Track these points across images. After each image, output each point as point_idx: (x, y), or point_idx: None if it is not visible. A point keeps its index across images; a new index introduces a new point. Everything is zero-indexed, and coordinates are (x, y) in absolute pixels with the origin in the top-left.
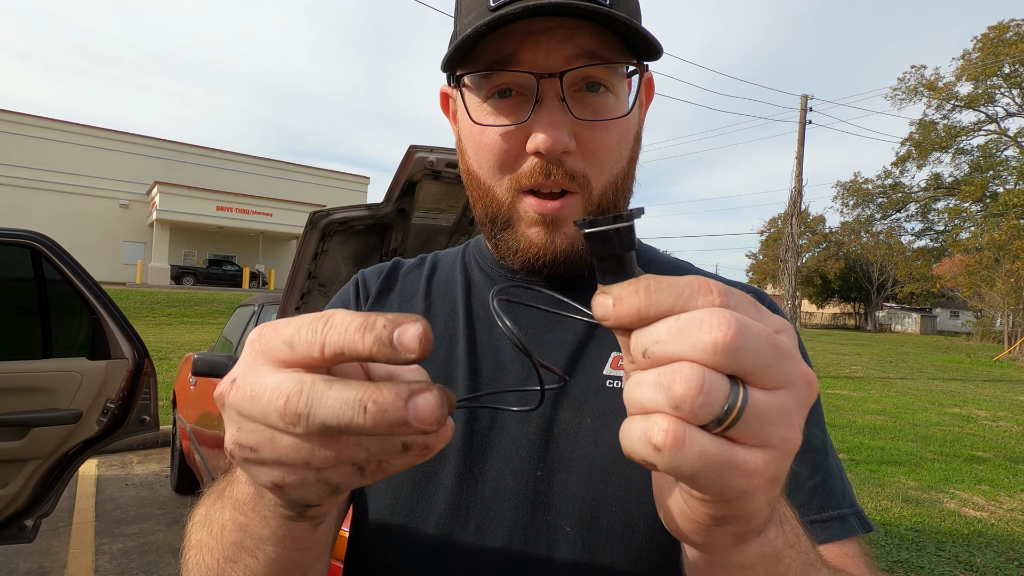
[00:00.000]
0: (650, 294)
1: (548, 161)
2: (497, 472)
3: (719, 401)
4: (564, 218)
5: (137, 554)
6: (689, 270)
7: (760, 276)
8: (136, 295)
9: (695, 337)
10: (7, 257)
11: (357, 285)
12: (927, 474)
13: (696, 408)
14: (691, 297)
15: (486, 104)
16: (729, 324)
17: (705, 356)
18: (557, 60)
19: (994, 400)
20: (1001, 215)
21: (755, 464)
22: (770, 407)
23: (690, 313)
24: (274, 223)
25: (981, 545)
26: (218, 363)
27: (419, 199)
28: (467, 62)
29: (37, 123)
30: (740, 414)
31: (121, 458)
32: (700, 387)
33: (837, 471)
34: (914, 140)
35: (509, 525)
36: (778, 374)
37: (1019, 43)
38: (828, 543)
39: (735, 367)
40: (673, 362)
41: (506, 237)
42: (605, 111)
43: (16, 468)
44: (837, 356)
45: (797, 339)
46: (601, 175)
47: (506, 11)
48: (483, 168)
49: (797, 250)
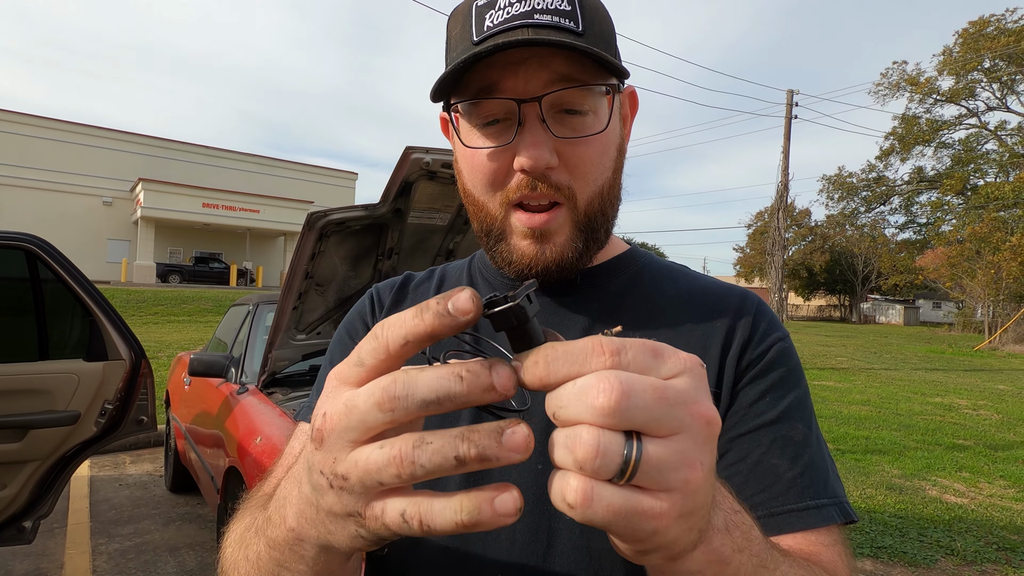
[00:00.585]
0: (548, 364)
1: (533, 176)
2: (500, 470)
3: (615, 460)
4: (553, 230)
5: (134, 554)
6: (685, 273)
7: (748, 269)
8: (122, 294)
9: (588, 402)
10: (2, 260)
11: (372, 298)
12: (910, 462)
13: (596, 468)
14: (585, 361)
15: (476, 129)
16: (613, 388)
17: (597, 419)
18: (535, 86)
19: (975, 389)
20: (982, 207)
21: (660, 508)
22: (665, 455)
23: (585, 379)
24: (261, 219)
25: (962, 530)
26: (215, 363)
27: (415, 199)
28: (457, 91)
29: (17, 119)
30: (637, 466)
31: (114, 459)
32: (596, 450)
33: (821, 463)
34: (897, 134)
35: None
36: (669, 423)
37: (1000, 38)
38: (802, 531)
39: (626, 424)
40: (575, 424)
41: (500, 249)
42: (584, 128)
43: (15, 470)
44: (823, 348)
45: (703, 375)
46: (586, 187)
47: (479, 49)
48: (476, 186)
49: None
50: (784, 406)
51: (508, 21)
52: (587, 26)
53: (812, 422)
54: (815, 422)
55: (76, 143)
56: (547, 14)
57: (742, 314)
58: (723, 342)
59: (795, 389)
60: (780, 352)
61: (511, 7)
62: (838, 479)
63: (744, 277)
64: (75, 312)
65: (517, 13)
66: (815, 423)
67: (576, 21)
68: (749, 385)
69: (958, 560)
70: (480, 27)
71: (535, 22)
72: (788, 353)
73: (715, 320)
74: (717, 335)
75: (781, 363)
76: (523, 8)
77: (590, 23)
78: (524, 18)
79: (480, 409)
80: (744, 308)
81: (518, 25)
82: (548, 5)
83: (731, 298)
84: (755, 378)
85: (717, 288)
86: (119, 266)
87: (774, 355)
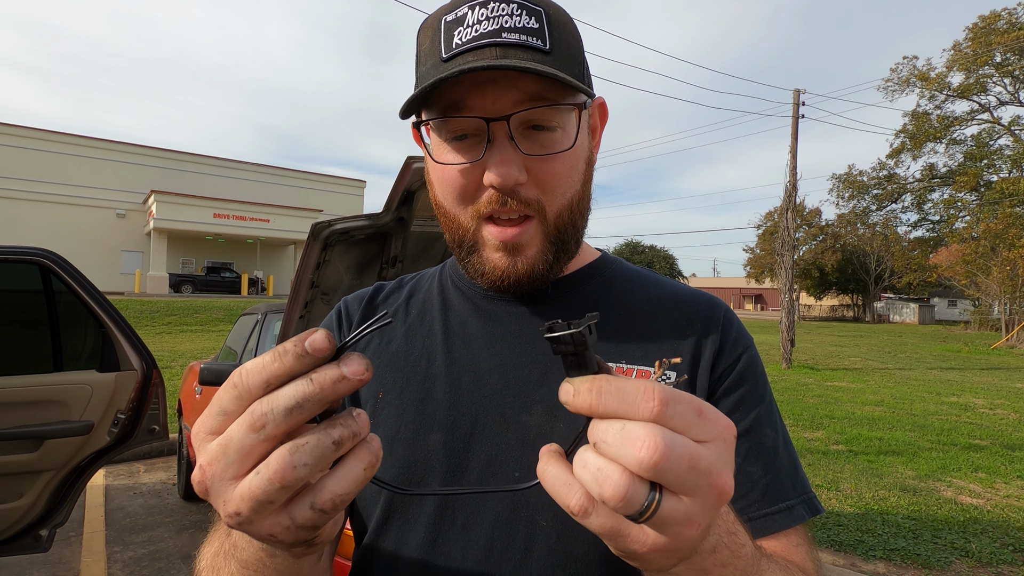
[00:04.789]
0: (600, 394)
1: (503, 192)
2: (479, 475)
3: (636, 506)
4: (524, 243)
5: (148, 561)
6: (654, 279)
7: (758, 270)
8: (135, 304)
9: (629, 450)
10: (17, 274)
11: (339, 313)
12: (924, 463)
13: (617, 508)
14: (635, 402)
15: (446, 144)
16: (657, 446)
17: (633, 468)
18: (503, 105)
19: (991, 388)
20: (997, 203)
21: (648, 541)
22: (675, 512)
23: (633, 426)
24: (272, 229)
25: (977, 531)
26: (225, 372)
27: (418, 207)
28: (426, 105)
29: (32, 135)
30: (652, 516)
31: (128, 468)
32: (623, 495)
33: (788, 464)
34: (908, 131)
35: (491, 522)
36: (691, 488)
37: (1010, 32)
38: (777, 534)
39: (656, 479)
40: (611, 462)
41: (473, 261)
42: (552, 144)
43: (31, 479)
44: (836, 348)
45: (733, 444)
46: (555, 200)
47: (445, 74)
48: (447, 199)
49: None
50: (755, 415)
51: (476, 39)
52: (554, 44)
53: (778, 423)
54: (780, 421)
55: (90, 157)
56: (515, 32)
57: (712, 323)
58: (694, 351)
59: (764, 396)
60: (749, 361)
61: (479, 24)
62: (802, 472)
63: (755, 278)
64: (88, 324)
65: (485, 32)
66: (780, 422)
67: (544, 39)
68: (724, 397)
69: (973, 562)
70: (448, 43)
71: (503, 41)
72: (756, 361)
73: (686, 328)
74: (688, 342)
75: (751, 372)
76: (491, 27)
77: (557, 41)
78: (492, 36)
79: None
80: (713, 316)
81: (486, 44)
82: (516, 24)
83: (700, 306)
84: (729, 390)
85: (686, 295)
86: (132, 277)
87: (744, 364)
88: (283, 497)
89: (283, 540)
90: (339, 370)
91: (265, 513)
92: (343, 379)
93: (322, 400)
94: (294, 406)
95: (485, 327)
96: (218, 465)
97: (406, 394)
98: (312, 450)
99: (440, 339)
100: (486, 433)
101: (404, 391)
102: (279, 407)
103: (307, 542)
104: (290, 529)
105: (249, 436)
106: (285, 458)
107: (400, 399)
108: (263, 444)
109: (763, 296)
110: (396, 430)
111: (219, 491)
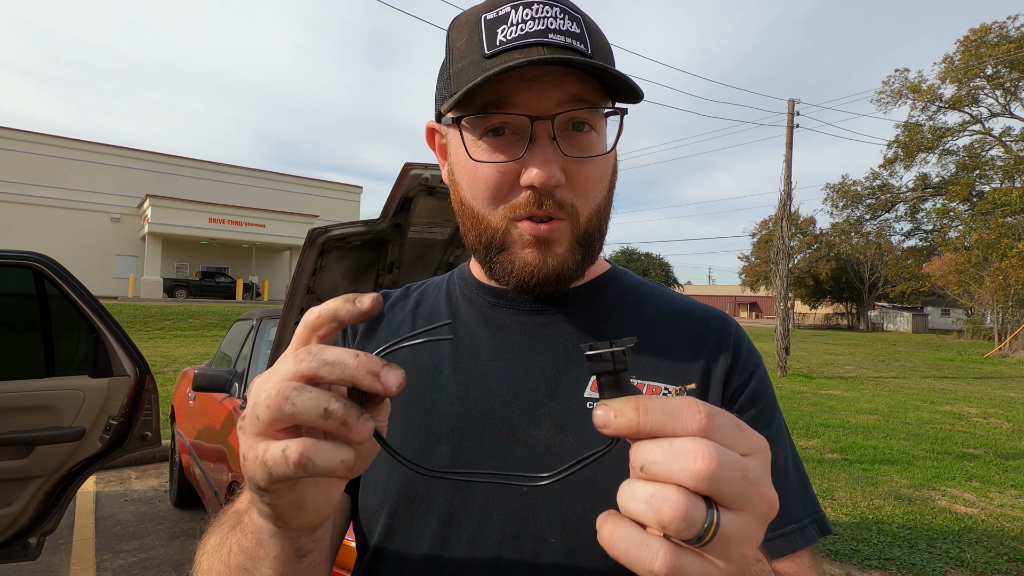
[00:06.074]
0: (645, 411)
1: (541, 193)
2: (486, 489)
3: (697, 525)
4: (555, 240)
5: (139, 569)
6: (664, 293)
7: (753, 278)
8: (129, 309)
9: (683, 465)
10: (10, 278)
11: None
12: (919, 472)
13: (679, 530)
14: (681, 417)
15: (481, 141)
16: (712, 456)
17: (690, 482)
18: (548, 104)
19: (984, 397)
20: (989, 213)
21: (710, 571)
22: (735, 528)
23: (682, 441)
24: (267, 234)
25: (972, 541)
26: (218, 378)
27: (415, 214)
28: (463, 103)
29: (27, 138)
30: (714, 535)
31: (119, 474)
32: (684, 514)
33: (799, 483)
34: (900, 142)
35: (498, 538)
36: (745, 500)
37: (1001, 44)
38: (789, 556)
39: (713, 493)
40: (664, 483)
41: (501, 260)
42: (590, 148)
43: (20, 486)
44: (830, 356)
45: (769, 457)
46: (587, 204)
47: (504, 66)
48: (477, 199)
49: (788, 252)
50: (767, 435)
51: (523, 38)
52: (595, 49)
53: (788, 442)
54: (790, 440)
55: (85, 160)
56: (560, 35)
57: (723, 340)
58: (706, 368)
59: (775, 415)
60: (760, 380)
61: (524, 24)
62: (811, 491)
63: (750, 286)
64: (81, 329)
65: (532, 31)
66: (790, 441)
67: (586, 44)
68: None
69: (968, 572)
70: (492, 40)
71: (550, 41)
72: (766, 380)
73: (697, 344)
74: (700, 360)
75: (762, 391)
76: (537, 27)
77: (596, 47)
78: (539, 36)
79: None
80: (725, 334)
81: (533, 43)
82: (561, 26)
83: (712, 322)
84: (741, 410)
85: (698, 311)
86: (127, 281)
87: (756, 384)
88: (267, 418)
89: (250, 472)
90: (380, 367)
91: (255, 428)
92: (376, 376)
93: (352, 376)
94: (333, 362)
95: (494, 337)
96: (265, 373)
97: (412, 405)
98: (307, 399)
99: (448, 349)
100: (494, 446)
101: (410, 401)
102: (321, 355)
103: (263, 491)
104: (257, 460)
105: (290, 364)
106: (285, 388)
107: (406, 409)
108: (296, 378)
109: (758, 304)
110: (402, 441)
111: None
